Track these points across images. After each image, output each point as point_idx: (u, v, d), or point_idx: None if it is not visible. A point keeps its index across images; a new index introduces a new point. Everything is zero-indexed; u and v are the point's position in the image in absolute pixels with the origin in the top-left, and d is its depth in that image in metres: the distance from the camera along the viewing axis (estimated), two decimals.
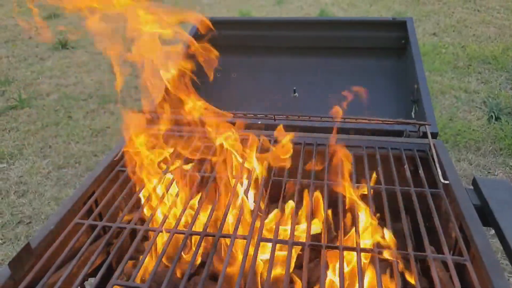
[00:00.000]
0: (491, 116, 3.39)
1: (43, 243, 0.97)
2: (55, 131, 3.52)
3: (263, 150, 1.29)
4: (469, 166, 2.96)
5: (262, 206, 1.11)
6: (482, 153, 3.07)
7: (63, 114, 3.78)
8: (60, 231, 1.01)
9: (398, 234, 1.10)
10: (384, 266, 1.01)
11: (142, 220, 1.10)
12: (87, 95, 4.13)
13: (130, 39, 1.13)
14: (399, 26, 1.96)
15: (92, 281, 0.95)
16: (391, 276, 1.05)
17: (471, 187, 1.29)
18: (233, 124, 1.25)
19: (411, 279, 0.90)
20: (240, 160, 1.24)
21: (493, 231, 1.14)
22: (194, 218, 1.05)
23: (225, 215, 1.06)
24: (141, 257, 1.01)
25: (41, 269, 0.91)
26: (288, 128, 1.45)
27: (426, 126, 1.32)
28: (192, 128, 1.39)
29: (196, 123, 1.24)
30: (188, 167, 1.27)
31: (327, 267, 1.01)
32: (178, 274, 1.12)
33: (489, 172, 2.92)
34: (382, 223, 1.05)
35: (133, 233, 1.04)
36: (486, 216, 1.16)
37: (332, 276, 1.02)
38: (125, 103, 3.97)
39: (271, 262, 0.92)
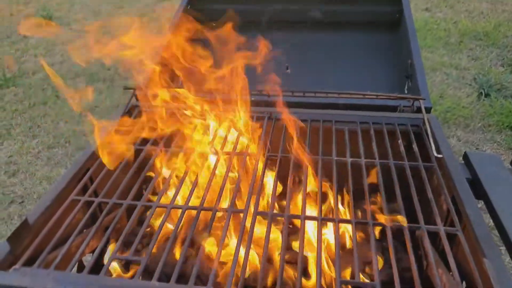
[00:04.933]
0: (481, 93, 3.42)
1: (40, 219, 0.97)
2: (43, 111, 3.44)
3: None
4: (458, 142, 3.01)
5: (257, 181, 1.11)
6: (471, 130, 3.11)
7: (51, 93, 3.69)
8: (57, 208, 1.00)
9: (391, 208, 1.13)
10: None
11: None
12: (74, 73, 4.03)
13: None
14: (393, 0, 1.94)
15: (90, 257, 0.95)
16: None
17: (462, 161, 1.32)
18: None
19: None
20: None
21: (481, 205, 1.18)
22: (191, 193, 1.05)
23: (222, 189, 1.07)
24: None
25: (40, 244, 0.91)
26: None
27: (420, 100, 1.33)
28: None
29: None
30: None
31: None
32: (177, 252, 1.13)
33: (477, 148, 2.97)
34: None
35: (131, 209, 1.04)
36: (477, 189, 1.18)
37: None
38: (114, 81, 3.89)
39: (267, 236, 0.94)
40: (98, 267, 0.92)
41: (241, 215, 0.99)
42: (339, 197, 1.14)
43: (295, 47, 1.98)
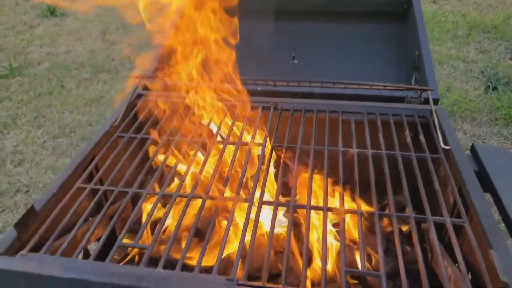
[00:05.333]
0: (488, 86, 3.39)
1: (47, 206, 0.98)
2: (49, 101, 3.45)
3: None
4: (464, 136, 2.98)
5: (262, 171, 1.11)
6: (478, 123, 3.09)
7: (56, 83, 3.70)
8: (63, 195, 1.01)
9: (397, 200, 1.12)
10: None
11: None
12: (79, 64, 4.03)
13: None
14: None
15: (95, 244, 0.96)
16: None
17: (469, 154, 1.31)
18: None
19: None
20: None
21: (487, 198, 1.16)
22: (196, 182, 1.05)
23: (226, 179, 1.06)
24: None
25: (46, 231, 0.92)
26: (288, 94, 1.44)
27: (428, 92, 1.31)
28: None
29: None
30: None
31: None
32: (183, 241, 1.13)
33: (484, 142, 2.95)
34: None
35: (136, 197, 1.04)
36: (484, 182, 1.17)
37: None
38: (118, 72, 3.89)
39: (272, 225, 0.93)
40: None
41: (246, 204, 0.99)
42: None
43: (301, 37, 1.97)
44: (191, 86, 1.32)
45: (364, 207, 1.02)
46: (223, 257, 0.90)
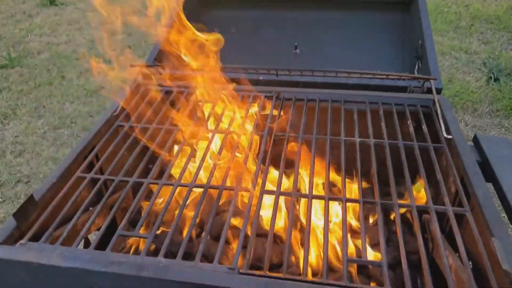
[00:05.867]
0: (490, 77, 3.36)
1: (47, 195, 0.97)
2: (49, 91, 3.44)
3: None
4: (465, 127, 2.97)
5: (265, 161, 1.10)
6: (479, 114, 3.07)
7: (56, 74, 3.68)
8: (63, 185, 1.00)
9: (399, 190, 1.11)
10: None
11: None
12: (79, 54, 4.00)
13: None
14: None
15: (95, 234, 0.96)
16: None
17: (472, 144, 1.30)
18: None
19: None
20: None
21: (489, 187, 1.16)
22: (197, 171, 1.04)
23: (228, 168, 1.06)
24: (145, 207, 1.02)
25: (46, 221, 0.91)
26: (290, 84, 1.43)
27: (431, 81, 1.30)
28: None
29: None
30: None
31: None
32: (184, 231, 1.13)
33: (485, 133, 2.94)
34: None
35: (137, 186, 1.04)
36: (486, 172, 1.17)
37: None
38: (119, 62, 3.86)
39: (274, 214, 0.93)
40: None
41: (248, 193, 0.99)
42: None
43: (303, 26, 1.94)
44: (191, 75, 1.30)
45: (366, 197, 1.01)
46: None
